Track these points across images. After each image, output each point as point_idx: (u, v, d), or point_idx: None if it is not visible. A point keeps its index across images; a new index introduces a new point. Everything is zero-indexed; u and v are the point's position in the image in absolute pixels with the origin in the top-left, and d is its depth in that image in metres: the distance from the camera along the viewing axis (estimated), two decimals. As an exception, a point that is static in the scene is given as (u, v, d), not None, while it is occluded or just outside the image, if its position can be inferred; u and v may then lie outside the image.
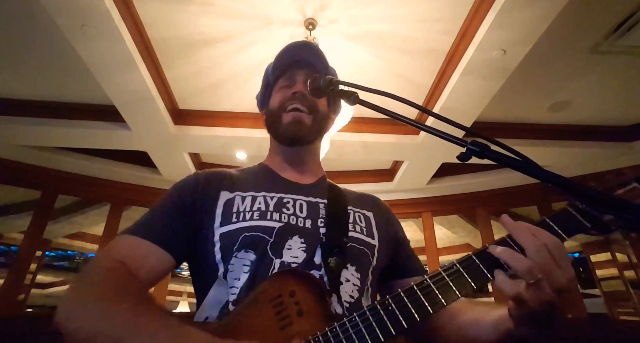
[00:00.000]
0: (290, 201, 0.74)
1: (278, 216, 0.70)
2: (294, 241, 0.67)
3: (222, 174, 0.79)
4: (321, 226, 0.71)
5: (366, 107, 0.68)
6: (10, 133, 2.95)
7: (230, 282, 0.64)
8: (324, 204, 0.76)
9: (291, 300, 0.56)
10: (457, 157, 0.53)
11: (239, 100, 2.82)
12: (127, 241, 0.64)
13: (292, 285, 0.57)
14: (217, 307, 0.63)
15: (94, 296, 0.52)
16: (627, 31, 2.11)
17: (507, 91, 2.48)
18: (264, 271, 0.63)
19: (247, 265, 0.64)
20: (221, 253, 0.66)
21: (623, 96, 2.73)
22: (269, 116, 0.88)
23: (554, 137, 3.10)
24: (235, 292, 0.63)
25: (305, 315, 0.55)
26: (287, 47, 0.89)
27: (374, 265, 0.73)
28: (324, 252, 0.67)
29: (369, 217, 0.81)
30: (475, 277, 0.52)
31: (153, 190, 3.84)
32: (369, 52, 2.35)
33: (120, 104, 2.57)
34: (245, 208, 0.70)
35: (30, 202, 3.72)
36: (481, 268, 0.52)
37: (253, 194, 0.73)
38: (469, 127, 0.60)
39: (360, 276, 0.69)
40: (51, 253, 6.23)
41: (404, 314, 0.51)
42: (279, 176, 0.83)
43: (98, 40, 2.00)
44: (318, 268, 0.65)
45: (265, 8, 2.05)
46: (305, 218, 0.72)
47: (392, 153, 3.31)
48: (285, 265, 0.64)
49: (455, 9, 2.04)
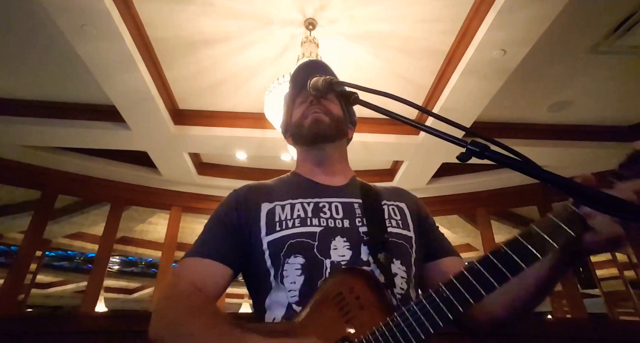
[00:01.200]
0: (326, 204, 0.79)
1: (317, 221, 0.75)
2: (338, 242, 0.72)
3: (259, 186, 0.86)
4: (360, 226, 0.76)
5: (366, 107, 0.68)
6: (10, 133, 2.95)
7: (288, 286, 0.69)
8: (358, 204, 0.81)
9: (351, 295, 0.61)
10: (457, 157, 0.53)
11: (239, 100, 2.82)
12: (191, 263, 0.73)
13: (351, 282, 0.63)
14: (281, 309, 0.68)
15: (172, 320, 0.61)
16: (627, 31, 2.11)
17: (507, 91, 2.48)
18: (318, 272, 0.68)
19: (299, 268, 0.70)
20: (271, 259, 0.72)
21: (623, 96, 2.73)
22: (291, 129, 0.95)
23: (554, 137, 3.10)
24: (295, 294, 0.68)
25: (366, 308, 0.60)
26: (297, 69, 0.96)
27: (415, 257, 0.78)
28: (371, 249, 0.72)
29: (403, 209, 0.85)
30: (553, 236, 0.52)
31: (153, 190, 3.84)
32: (369, 53, 2.35)
33: (120, 104, 2.57)
34: (286, 216, 0.76)
35: (30, 202, 3.73)
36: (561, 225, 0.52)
37: (291, 202, 0.79)
38: (468, 128, 0.61)
39: (406, 269, 0.74)
40: (51, 253, 6.24)
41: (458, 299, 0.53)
42: (311, 181, 0.87)
43: (98, 41, 2.00)
44: (366, 264, 0.70)
45: (265, 8, 2.05)
46: (343, 218, 0.77)
47: (392, 153, 3.31)
48: (336, 264, 0.69)
49: (455, 9, 2.04)
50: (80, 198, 4.00)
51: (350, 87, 0.75)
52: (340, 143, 0.94)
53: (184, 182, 3.78)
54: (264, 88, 2.03)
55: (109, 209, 3.70)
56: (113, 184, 3.72)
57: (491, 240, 3.77)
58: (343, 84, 0.75)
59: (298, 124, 0.91)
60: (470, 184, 3.85)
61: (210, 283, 0.70)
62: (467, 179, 3.81)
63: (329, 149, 0.90)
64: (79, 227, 4.89)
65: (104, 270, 3.45)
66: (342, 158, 0.96)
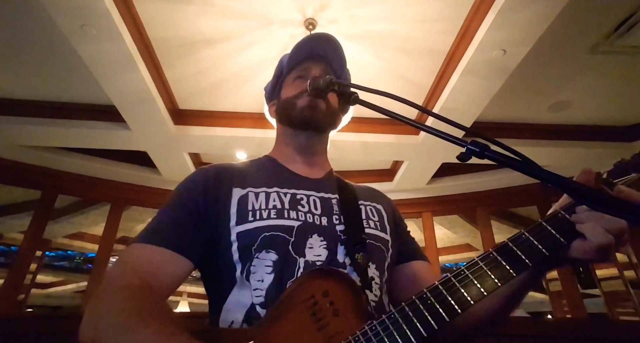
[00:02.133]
0: (304, 197, 0.73)
1: (295, 214, 0.68)
2: (314, 240, 0.66)
3: (231, 168, 0.76)
4: (337, 224, 0.70)
5: (366, 107, 0.68)
6: (10, 133, 2.95)
7: (254, 284, 0.62)
8: (336, 200, 0.75)
9: (325, 300, 0.55)
10: (457, 157, 0.52)
11: (239, 100, 2.82)
12: (141, 251, 0.62)
13: (325, 285, 0.56)
14: (241, 310, 0.60)
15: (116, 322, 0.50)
16: (627, 31, 2.11)
17: (507, 91, 2.48)
18: (290, 271, 0.62)
19: (270, 265, 0.62)
20: (239, 253, 0.64)
21: (623, 96, 2.73)
22: (280, 104, 0.86)
23: (554, 137, 3.10)
24: (261, 294, 0.61)
25: (341, 315, 0.54)
26: (306, 38, 0.86)
27: (389, 261, 0.73)
28: (348, 249, 0.66)
29: (380, 210, 0.80)
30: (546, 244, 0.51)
31: (153, 190, 3.84)
32: (369, 52, 2.35)
33: (120, 104, 2.57)
34: (260, 206, 0.68)
35: (30, 202, 3.72)
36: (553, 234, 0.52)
37: (266, 190, 0.71)
38: (469, 128, 0.60)
39: (379, 274, 0.69)
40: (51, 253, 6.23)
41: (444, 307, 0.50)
42: (287, 170, 0.81)
43: (98, 41, 2.00)
44: (342, 266, 0.64)
45: (265, 8, 2.05)
46: (321, 215, 0.70)
47: (392, 153, 3.31)
48: (310, 263, 0.63)
49: (455, 9, 2.04)
50: (80, 198, 4.00)
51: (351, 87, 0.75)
52: (326, 135, 0.87)
53: (184, 182, 3.78)
54: (264, 88, 2.03)
55: (109, 209, 3.70)
56: (113, 184, 3.72)
57: (491, 240, 3.77)
58: (343, 83, 0.75)
59: (289, 102, 0.81)
60: (470, 184, 3.85)
61: (164, 277, 0.59)
62: (467, 179, 3.81)
63: (314, 139, 0.83)
64: (79, 227, 4.88)
65: (104, 270, 3.45)
66: (323, 150, 0.88)
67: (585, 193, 0.44)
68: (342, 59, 0.88)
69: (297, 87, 0.82)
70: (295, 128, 0.82)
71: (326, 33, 0.86)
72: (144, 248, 0.62)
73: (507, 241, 0.53)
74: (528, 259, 0.50)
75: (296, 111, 0.80)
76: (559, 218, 0.53)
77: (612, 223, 0.48)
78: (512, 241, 0.53)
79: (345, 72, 0.92)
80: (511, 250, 0.52)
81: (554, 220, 0.53)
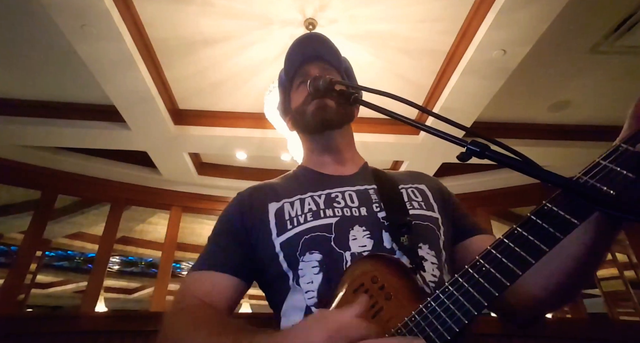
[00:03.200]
0: (339, 194, 0.73)
1: (331, 211, 0.69)
2: (357, 231, 0.66)
3: (264, 186, 0.80)
4: (378, 211, 0.70)
5: (366, 107, 0.68)
6: (10, 133, 2.95)
7: (304, 287, 0.62)
8: (373, 190, 0.75)
9: (375, 286, 0.54)
10: (457, 157, 0.52)
11: (239, 100, 2.82)
12: (196, 278, 0.68)
13: (372, 271, 0.55)
14: (299, 314, 0.62)
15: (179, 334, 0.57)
16: (627, 31, 2.11)
17: (507, 91, 2.48)
18: (338, 267, 0.62)
19: (316, 266, 0.63)
20: (287, 262, 0.66)
21: (623, 96, 2.73)
22: (293, 115, 0.87)
23: (554, 137, 3.10)
24: (313, 295, 0.61)
25: (393, 298, 0.53)
26: (293, 45, 0.88)
27: (443, 240, 0.71)
28: (393, 234, 0.65)
29: (424, 190, 0.79)
30: None
31: (153, 190, 3.84)
32: (369, 52, 2.35)
33: (120, 104, 2.57)
34: (297, 213, 0.70)
35: (30, 202, 3.73)
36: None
37: (300, 197, 0.73)
38: (469, 128, 0.60)
39: (435, 254, 0.67)
40: (51, 253, 6.23)
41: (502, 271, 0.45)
42: (319, 174, 0.81)
43: (98, 41, 2.00)
44: (391, 252, 0.64)
45: (265, 8, 2.05)
46: (359, 206, 0.70)
47: (392, 153, 3.31)
48: (357, 255, 0.62)
49: (455, 9, 2.04)
50: (80, 198, 4.00)
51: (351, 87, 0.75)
52: (347, 128, 0.86)
53: (184, 182, 3.78)
54: (264, 88, 2.03)
55: (109, 209, 3.70)
56: (113, 184, 3.72)
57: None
58: (344, 83, 0.75)
59: (300, 111, 0.83)
60: (470, 184, 3.85)
61: (218, 296, 0.65)
62: (467, 179, 3.81)
63: (335, 136, 0.83)
64: (79, 227, 4.89)
65: (104, 270, 3.45)
66: (350, 144, 0.88)
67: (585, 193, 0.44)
68: (334, 50, 0.88)
69: (301, 93, 0.84)
70: (314, 133, 0.84)
71: (309, 33, 0.89)
72: (197, 275, 0.69)
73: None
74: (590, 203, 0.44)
75: (307, 117, 0.81)
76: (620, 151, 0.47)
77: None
78: None
79: (344, 61, 0.92)
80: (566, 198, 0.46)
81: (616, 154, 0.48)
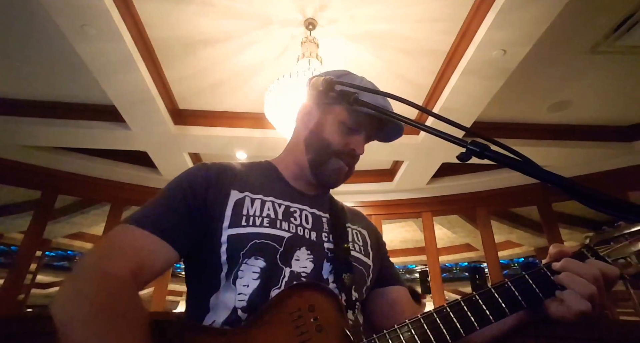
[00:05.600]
0: (297, 210, 0.75)
1: (287, 225, 0.70)
2: (302, 253, 0.68)
3: (233, 170, 0.77)
4: (325, 241, 0.72)
5: (366, 107, 0.68)
6: (10, 133, 2.95)
7: (239, 288, 0.63)
8: (326, 219, 0.77)
9: (310, 314, 0.55)
10: (457, 157, 0.53)
11: (239, 100, 2.82)
12: (132, 234, 0.61)
13: (311, 299, 0.57)
14: (224, 312, 0.61)
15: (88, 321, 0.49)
16: (627, 31, 2.11)
17: (507, 91, 2.48)
18: (275, 280, 0.63)
19: (257, 272, 0.64)
20: (227, 255, 0.64)
21: (623, 96, 2.73)
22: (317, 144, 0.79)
23: (554, 137, 3.10)
24: (244, 299, 0.61)
25: (324, 332, 0.55)
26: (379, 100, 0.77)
27: (368, 285, 0.76)
28: (335, 267, 0.68)
29: (365, 236, 0.83)
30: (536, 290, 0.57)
31: (153, 190, 3.83)
32: (369, 53, 2.35)
33: (120, 104, 2.57)
34: (255, 212, 0.69)
35: (30, 202, 3.72)
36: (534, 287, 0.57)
37: (262, 198, 0.73)
38: (469, 128, 0.60)
39: (358, 296, 0.71)
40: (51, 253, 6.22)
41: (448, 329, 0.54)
42: (286, 183, 0.81)
43: (98, 41, 2.00)
44: (325, 282, 0.66)
45: (265, 8, 2.05)
46: (311, 230, 0.72)
47: (392, 153, 3.31)
48: (295, 274, 0.64)
49: (455, 9, 2.04)
50: (80, 198, 4.00)
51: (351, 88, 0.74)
52: None
53: (184, 182, 3.78)
54: (264, 88, 2.03)
55: (109, 209, 3.70)
56: (113, 184, 3.72)
57: (491, 239, 3.77)
58: (343, 84, 0.75)
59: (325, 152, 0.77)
60: (470, 184, 3.85)
61: (151, 265, 0.60)
62: (467, 179, 3.81)
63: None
64: (79, 227, 4.88)
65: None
66: None
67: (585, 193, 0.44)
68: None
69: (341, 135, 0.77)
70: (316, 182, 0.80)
71: None
72: (134, 232, 0.61)
73: (490, 287, 0.58)
74: (507, 307, 0.56)
75: (327, 171, 0.78)
76: (541, 273, 0.58)
77: (588, 288, 0.54)
78: (495, 289, 0.58)
79: None
80: (492, 297, 0.57)
81: (537, 274, 0.58)
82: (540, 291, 0.56)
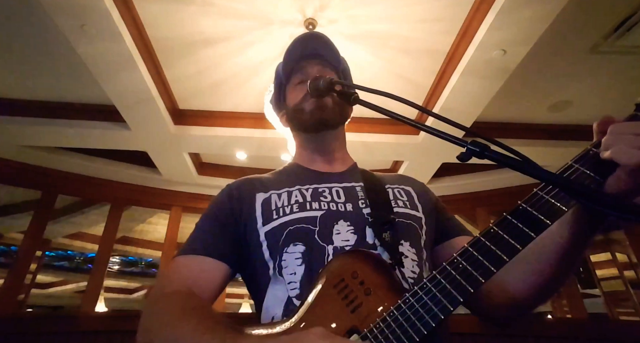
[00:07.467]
0: (326, 189, 0.74)
1: (317, 204, 0.70)
2: (341, 226, 0.67)
3: (253, 178, 0.80)
4: (363, 207, 0.71)
5: (366, 107, 0.68)
6: (10, 133, 2.95)
7: (287, 278, 0.63)
8: (360, 187, 0.76)
9: (355, 281, 0.55)
10: (457, 157, 0.53)
11: (239, 100, 2.82)
12: (183, 261, 0.67)
13: (352, 266, 0.56)
14: (280, 305, 0.62)
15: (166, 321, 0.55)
16: (627, 31, 2.11)
17: (507, 91, 2.48)
18: (320, 260, 0.63)
19: (299, 257, 0.64)
20: (269, 251, 0.67)
21: (623, 96, 2.73)
22: (290, 112, 0.87)
23: (554, 137, 3.10)
24: (295, 287, 0.62)
25: (373, 293, 0.54)
26: (294, 41, 0.89)
27: (425, 239, 0.73)
28: (376, 230, 0.66)
29: (410, 191, 0.81)
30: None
31: (153, 190, 3.84)
32: (369, 52, 2.35)
33: (120, 104, 2.57)
34: (283, 203, 0.71)
35: (30, 202, 3.73)
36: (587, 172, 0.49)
37: (288, 190, 0.74)
38: (469, 128, 0.60)
39: (416, 252, 0.69)
40: (51, 253, 6.23)
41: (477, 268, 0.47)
42: (309, 170, 0.83)
43: (98, 41, 2.00)
44: (373, 247, 0.65)
45: (265, 8, 2.05)
46: (345, 202, 0.72)
47: (392, 153, 3.31)
48: (339, 249, 0.64)
49: (455, 9, 2.04)
50: (80, 198, 4.00)
51: (351, 87, 0.75)
52: (341, 128, 0.88)
53: (184, 182, 3.78)
54: (264, 88, 2.03)
55: (109, 209, 3.70)
56: (113, 184, 3.72)
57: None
58: (343, 84, 0.75)
59: (298, 109, 0.83)
60: (470, 184, 3.85)
61: (205, 282, 0.64)
62: (467, 179, 3.81)
63: (329, 136, 0.84)
64: (79, 227, 4.89)
65: (104, 270, 3.45)
66: (342, 145, 0.90)
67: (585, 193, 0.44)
68: (334, 51, 0.89)
69: (300, 91, 0.84)
70: (310, 132, 0.84)
71: (310, 31, 0.89)
72: (180, 260, 0.67)
73: (535, 189, 0.51)
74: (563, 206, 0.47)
75: (306, 115, 0.82)
76: (590, 155, 0.51)
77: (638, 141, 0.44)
78: (540, 190, 0.51)
79: (342, 61, 0.93)
80: (541, 199, 0.50)
81: (585, 157, 0.51)
82: (594, 173, 0.48)
